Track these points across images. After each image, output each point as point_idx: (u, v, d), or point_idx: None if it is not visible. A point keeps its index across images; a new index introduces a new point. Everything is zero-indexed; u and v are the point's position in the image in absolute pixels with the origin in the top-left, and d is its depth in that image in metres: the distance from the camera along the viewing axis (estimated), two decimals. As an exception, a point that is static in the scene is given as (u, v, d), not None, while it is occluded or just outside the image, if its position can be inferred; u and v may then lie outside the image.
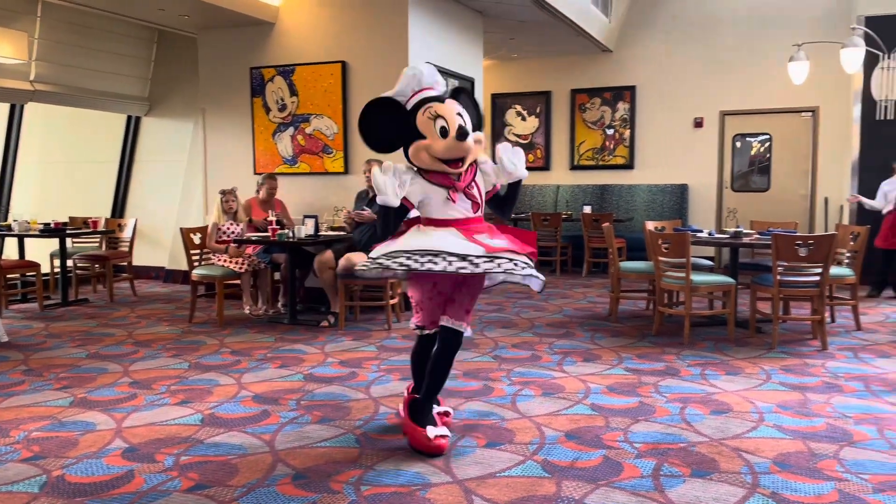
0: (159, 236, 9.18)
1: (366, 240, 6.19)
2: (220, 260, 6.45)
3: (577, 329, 6.02)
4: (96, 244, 8.38)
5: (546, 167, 10.98)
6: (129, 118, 9.54)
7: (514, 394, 4.20)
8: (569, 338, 5.70)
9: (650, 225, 6.35)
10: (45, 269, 7.81)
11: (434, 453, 3.26)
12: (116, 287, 8.16)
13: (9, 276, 7.23)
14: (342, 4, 7.02)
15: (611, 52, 10.46)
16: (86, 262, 8.03)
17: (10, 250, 8.63)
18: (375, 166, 3.40)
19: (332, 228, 6.76)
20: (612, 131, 10.61)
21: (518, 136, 11.19)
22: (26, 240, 7.74)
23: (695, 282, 5.52)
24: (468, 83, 7.95)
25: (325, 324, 6.16)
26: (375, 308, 6.62)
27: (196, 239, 6.57)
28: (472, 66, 8.06)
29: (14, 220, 7.55)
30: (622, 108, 10.51)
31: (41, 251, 8.17)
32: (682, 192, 10.15)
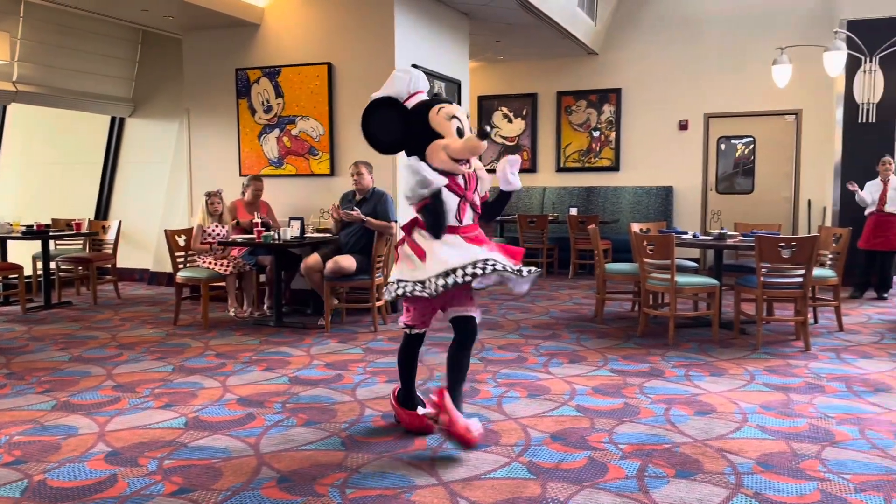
0: (143, 238, 9.12)
1: (352, 242, 6.18)
2: (204, 262, 6.42)
3: (563, 331, 6.04)
4: (80, 246, 8.31)
5: (532, 169, 11.01)
6: (113, 119, 9.48)
7: (500, 395, 4.21)
8: (555, 339, 5.71)
9: (635, 227, 6.39)
10: (28, 271, 7.73)
11: (468, 443, 3.26)
12: (100, 289, 8.10)
13: (-10, 278, 7.17)
14: (328, 6, 7.01)
15: (596, 55, 10.51)
16: (69, 265, 7.96)
17: (-9, 252, 8.55)
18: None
19: (319, 230, 6.74)
20: (597, 133, 10.65)
21: (504, 138, 11.21)
22: (8, 242, 7.65)
23: (679, 283, 5.56)
24: (455, 85, 7.96)
25: (322, 323, 6.13)
26: (362, 310, 6.61)
27: (181, 241, 6.53)
28: (459, 68, 8.07)
29: (-4, 222, 7.49)
30: (608, 110, 10.56)
31: (24, 253, 8.09)
32: (667, 194, 10.21)
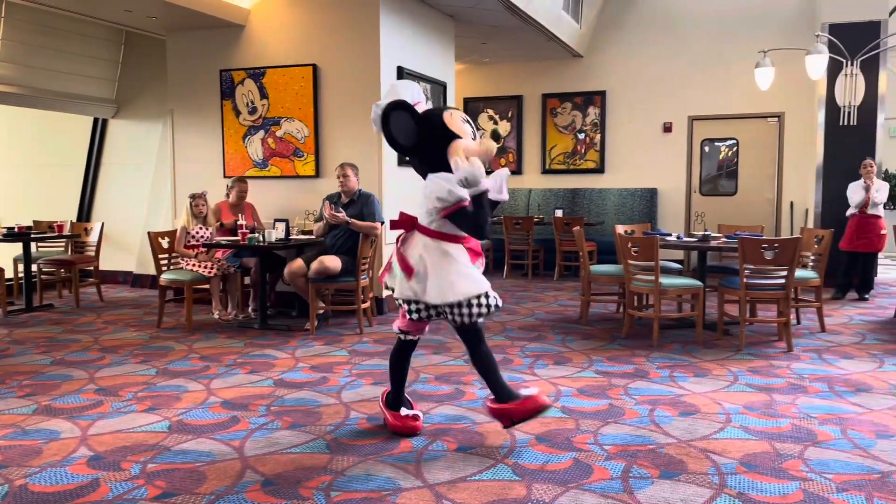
0: (127, 240, 9.05)
1: (339, 244, 6.17)
2: (188, 264, 6.38)
3: (549, 332, 6.06)
4: (62, 248, 8.23)
5: (518, 171, 11.03)
6: (95, 120, 9.40)
7: (486, 397, 4.20)
8: (540, 341, 5.72)
9: (620, 229, 6.42)
10: (9, 273, 7.65)
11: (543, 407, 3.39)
12: (82, 292, 8.03)
13: (-29, 281, 7.08)
14: (313, 8, 6.99)
15: (581, 58, 10.56)
16: (51, 267, 7.87)
17: (-28, 255, 8.45)
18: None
19: (304, 232, 6.72)
20: (583, 136, 10.69)
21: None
22: (-11, 244, 7.58)
23: (664, 285, 5.59)
24: (440, 87, 7.96)
25: (308, 326, 6.10)
26: (347, 312, 6.59)
27: (164, 243, 6.48)
28: (444, 70, 8.08)
29: (-23, 224, 7.40)
30: (593, 112, 10.60)
31: (5, 255, 8.00)
32: (651, 195, 10.26)
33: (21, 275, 7.70)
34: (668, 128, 10.24)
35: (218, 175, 7.44)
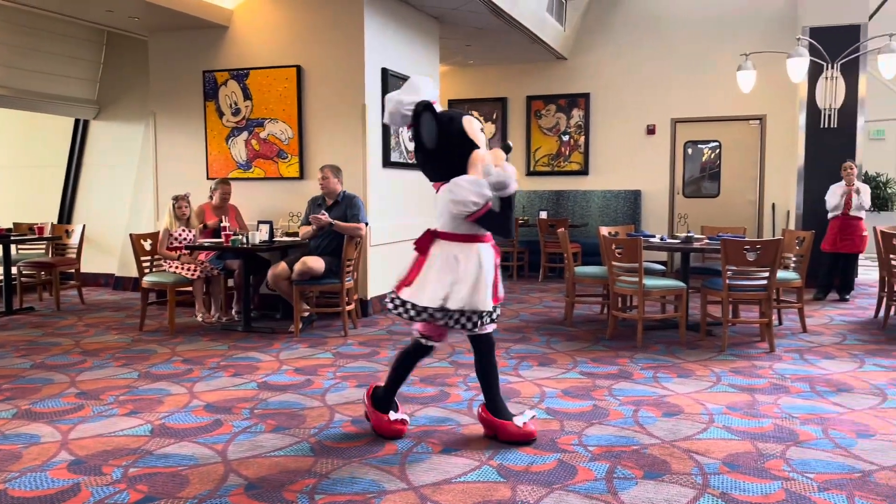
0: (108, 242, 8.97)
1: (323, 245, 6.15)
2: (171, 266, 6.33)
3: (533, 333, 6.07)
4: (42, 251, 8.14)
5: (502, 173, 11.02)
6: (76, 121, 9.31)
7: (471, 399, 4.21)
8: (525, 342, 5.73)
9: (604, 230, 6.44)
10: (-12, 276, 7.56)
11: (528, 439, 3.44)
12: (63, 295, 7.95)
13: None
14: (297, 9, 6.97)
15: (566, 60, 10.60)
16: (31, 270, 7.79)
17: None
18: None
19: (288, 234, 6.69)
20: (567, 138, 10.73)
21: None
22: (-32, 246, 7.48)
23: (647, 286, 5.61)
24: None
25: (292, 329, 6.07)
26: (332, 314, 6.57)
27: (147, 245, 6.43)
28: (429, 72, 8.07)
29: (-45, 226, 7.31)
30: (577, 114, 10.64)
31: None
32: (635, 197, 10.32)
33: (1, 277, 7.61)
34: (651, 130, 10.31)
35: (201, 177, 7.39)
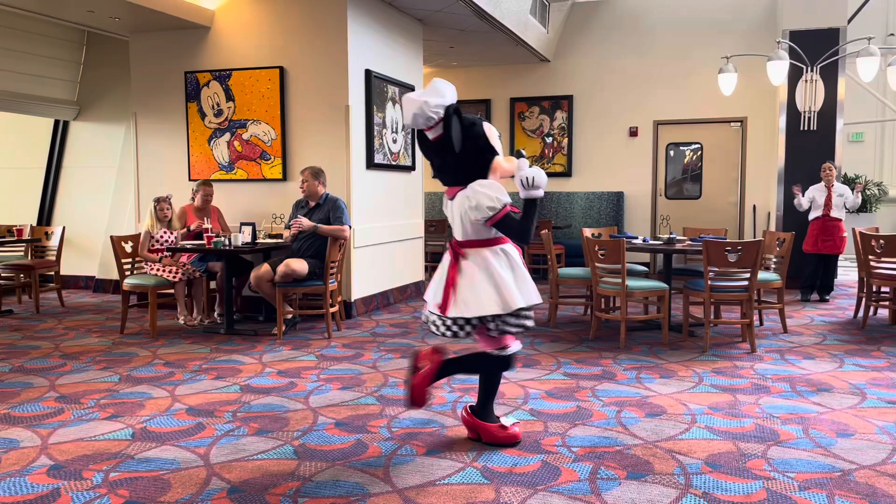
0: (89, 244, 8.88)
1: (305, 247, 6.12)
2: (153, 269, 6.28)
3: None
4: (21, 253, 8.05)
5: (486, 174, 11.04)
6: (56, 122, 9.21)
7: (455, 401, 4.21)
8: (508, 344, 5.73)
9: (587, 232, 6.47)
10: (-34, 279, 7.47)
11: (512, 442, 3.46)
12: (43, 297, 7.86)
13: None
14: (280, 9, 6.94)
15: (549, 62, 10.64)
16: (10, 272, 7.69)
17: (-73, 260, 8.22)
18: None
19: (270, 236, 6.66)
20: (550, 139, 10.77)
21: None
22: (-55, 249, 7.39)
23: (630, 287, 5.65)
24: (408, 90, 7.96)
25: (275, 332, 6.03)
26: (315, 317, 6.54)
27: (128, 247, 6.38)
28: (412, 74, 8.07)
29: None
30: (560, 116, 10.68)
31: (-39, 261, 7.82)
32: (618, 199, 10.37)
33: (-22, 280, 7.53)
34: (633, 132, 10.37)
35: (183, 178, 7.34)
